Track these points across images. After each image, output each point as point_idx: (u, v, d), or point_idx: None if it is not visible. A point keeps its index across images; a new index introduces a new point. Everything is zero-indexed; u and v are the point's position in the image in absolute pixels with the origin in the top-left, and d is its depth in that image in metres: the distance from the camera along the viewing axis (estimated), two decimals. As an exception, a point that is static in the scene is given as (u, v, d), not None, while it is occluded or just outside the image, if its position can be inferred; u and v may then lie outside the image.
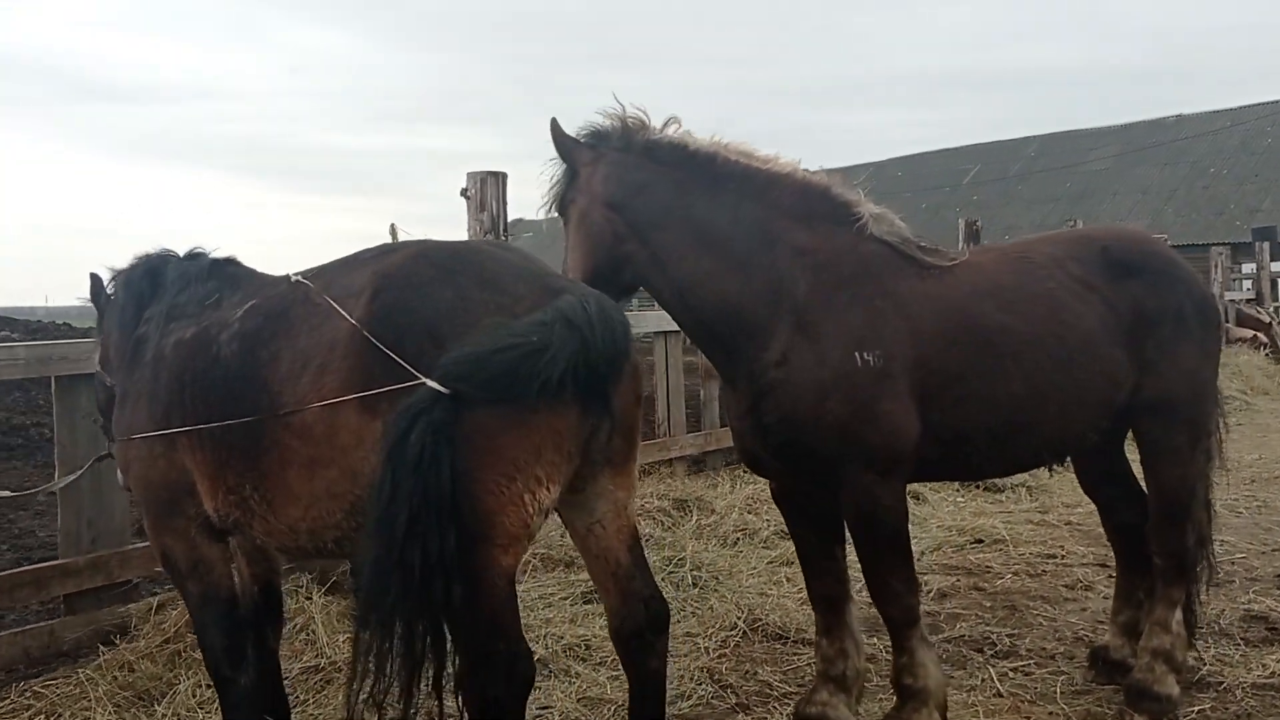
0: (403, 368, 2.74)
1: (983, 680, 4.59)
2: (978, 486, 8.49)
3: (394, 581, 2.62)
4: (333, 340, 2.94)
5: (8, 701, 4.37)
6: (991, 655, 4.94)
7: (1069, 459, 4.40)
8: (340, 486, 2.91)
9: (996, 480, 8.46)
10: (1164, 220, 34.94)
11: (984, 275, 3.88)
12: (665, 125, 3.82)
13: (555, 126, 3.77)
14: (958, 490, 8.44)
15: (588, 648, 5.08)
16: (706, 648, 5.09)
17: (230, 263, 3.66)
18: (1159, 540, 4.18)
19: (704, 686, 4.65)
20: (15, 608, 5.23)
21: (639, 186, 3.71)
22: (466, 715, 2.83)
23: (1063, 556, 6.55)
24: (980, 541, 6.98)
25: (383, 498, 2.63)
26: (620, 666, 4.89)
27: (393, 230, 6.21)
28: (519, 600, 5.49)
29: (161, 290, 3.66)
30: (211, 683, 3.68)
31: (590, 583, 5.97)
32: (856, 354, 3.58)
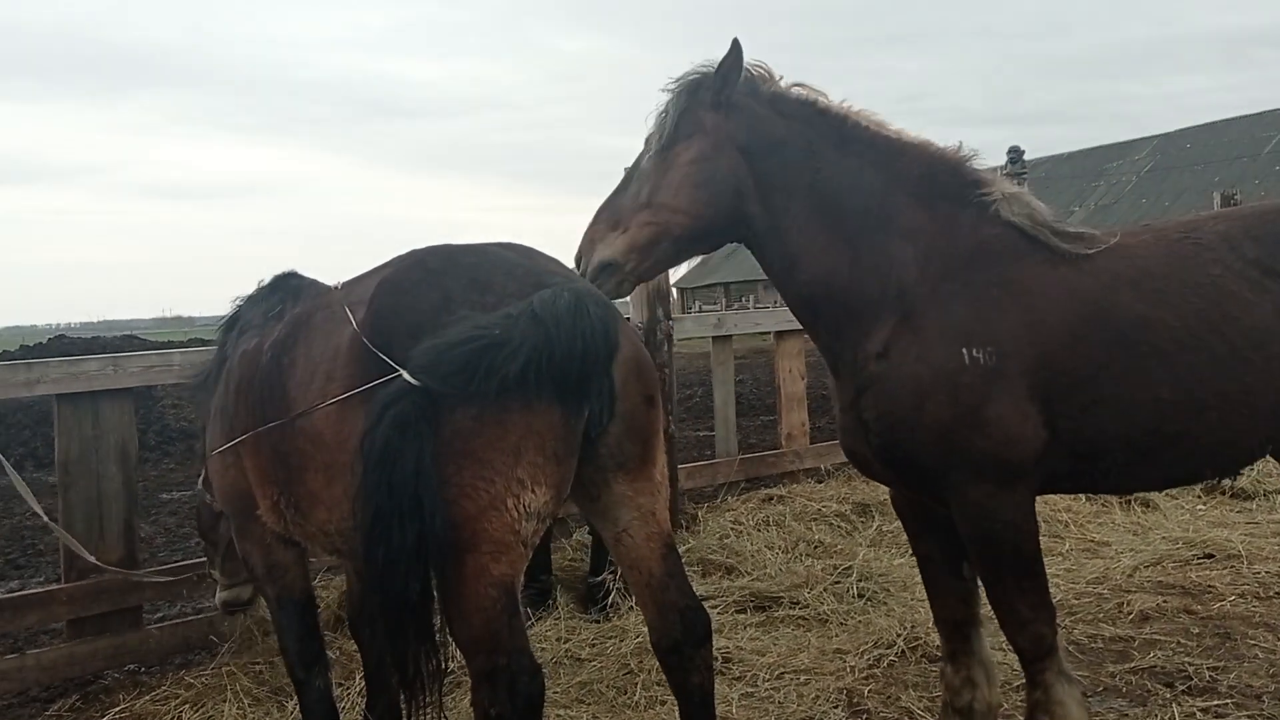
0: (392, 370, 2.64)
1: (1160, 721, 3.97)
2: (1223, 492, 7.51)
3: (368, 578, 2.58)
4: (337, 347, 2.92)
5: (163, 689, 4.65)
6: (1182, 691, 4.28)
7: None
8: None
9: (1245, 485, 7.46)
10: None
11: (1131, 261, 3.29)
12: (791, 85, 3.48)
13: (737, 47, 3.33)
14: (1198, 496, 7.49)
15: (726, 660, 4.82)
16: (854, 666, 4.72)
17: (292, 275, 3.73)
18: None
19: (838, 710, 4.30)
20: (176, 600, 5.59)
21: (775, 142, 3.36)
22: None
23: (1307, 578, 5.63)
24: (1210, 556, 6.13)
25: (355, 493, 2.58)
26: (756, 684, 4.66)
27: None
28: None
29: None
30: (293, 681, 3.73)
31: (746, 591, 5.73)
32: (964, 350, 3.15)
